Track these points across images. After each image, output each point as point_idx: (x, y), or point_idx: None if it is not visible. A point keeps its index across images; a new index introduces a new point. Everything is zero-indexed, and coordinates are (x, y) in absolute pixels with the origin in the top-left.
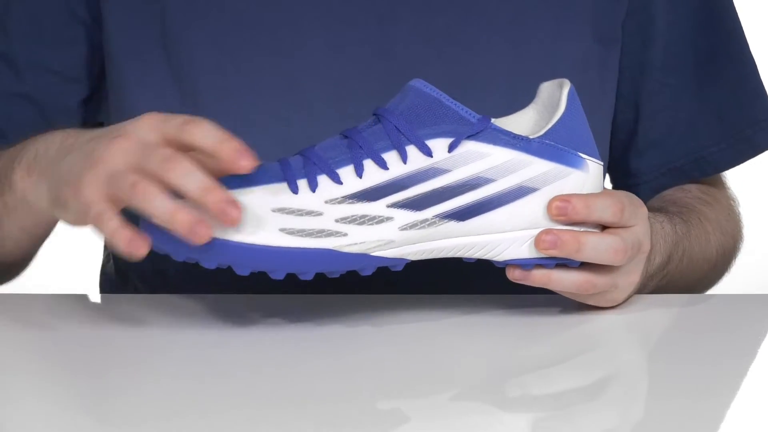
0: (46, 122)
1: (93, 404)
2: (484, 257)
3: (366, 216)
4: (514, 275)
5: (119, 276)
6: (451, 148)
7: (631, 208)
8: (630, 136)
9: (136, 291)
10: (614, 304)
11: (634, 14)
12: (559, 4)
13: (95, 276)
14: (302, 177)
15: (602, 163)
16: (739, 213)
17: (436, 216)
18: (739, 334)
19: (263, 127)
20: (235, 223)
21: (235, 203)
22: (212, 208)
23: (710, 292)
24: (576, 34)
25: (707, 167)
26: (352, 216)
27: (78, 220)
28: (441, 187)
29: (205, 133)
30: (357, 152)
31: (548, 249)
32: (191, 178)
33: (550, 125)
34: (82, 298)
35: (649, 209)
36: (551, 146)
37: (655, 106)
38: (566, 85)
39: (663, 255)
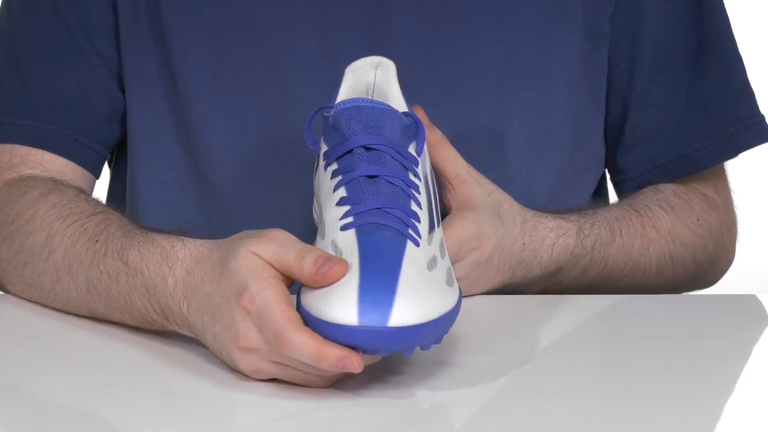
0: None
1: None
2: None
3: (442, 241)
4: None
5: None
6: (419, 151)
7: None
8: (619, 133)
9: None
10: None
11: (623, 11)
12: (552, 3)
13: None
14: (406, 227)
15: None
16: (731, 220)
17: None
18: (739, 334)
19: (256, 126)
20: (358, 366)
21: (348, 355)
22: (333, 369)
23: (710, 291)
24: (568, 33)
25: (690, 165)
26: (441, 246)
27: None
28: (438, 196)
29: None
30: (402, 186)
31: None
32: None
33: (403, 105)
34: None
35: (564, 216)
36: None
37: (643, 103)
38: (390, 65)
39: (546, 267)
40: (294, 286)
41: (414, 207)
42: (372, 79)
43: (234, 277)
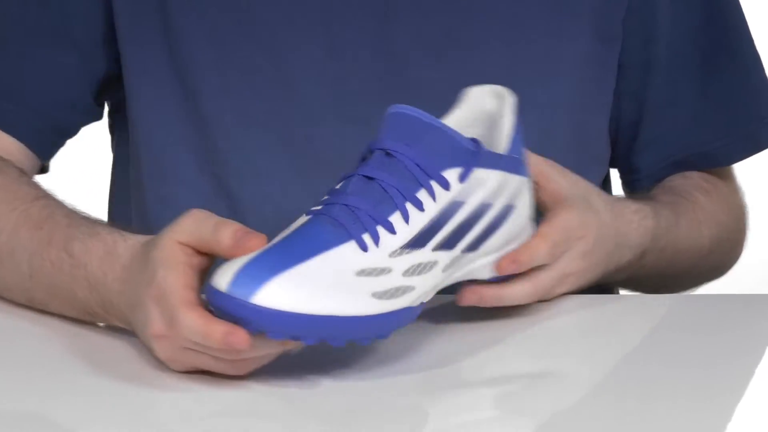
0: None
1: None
2: (475, 278)
3: (420, 264)
4: (470, 300)
5: None
6: (463, 177)
7: (565, 244)
8: (634, 133)
9: None
10: (569, 289)
11: (636, 11)
12: (558, 3)
13: None
14: (364, 231)
15: None
16: (745, 205)
17: (462, 250)
18: (739, 334)
19: (262, 125)
20: (243, 343)
21: (233, 331)
22: (219, 347)
23: (711, 291)
24: (575, 33)
25: (708, 163)
26: (412, 266)
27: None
28: (463, 221)
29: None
30: (396, 197)
31: (473, 304)
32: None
33: (509, 139)
34: None
35: (638, 200)
36: (517, 160)
37: (659, 103)
38: (508, 96)
39: (635, 250)
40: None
41: (394, 218)
42: (485, 106)
43: (150, 266)
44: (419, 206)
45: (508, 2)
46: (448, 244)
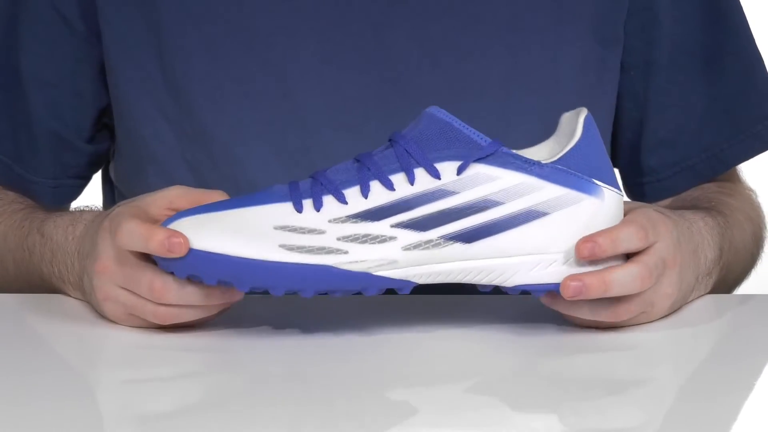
0: (62, 142)
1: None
2: (492, 283)
3: (369, 235)
4: (573, 290)
5: None
6: (460, 170)
7: (653, 228)
8: (637, 135)
9: None
10: (654, 319)
11: (637, 13)
12: (558, 8)
13: None
14: (308, 197)
15: (621, 193)
16: (759, 203)
17: (441, 237)
18: (739, 334)
19: (258, 136)
20: (183, 247)
21: (176, 234)
22: (159, 251)
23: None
24: (575, 37)
25: (718, 165)
26: (354, 235)
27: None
28: (447, 209)
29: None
30: (365, 173)
31: (575, 296)
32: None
33: (564, 151)
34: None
35: (684, 209)
36: (564, 171)
37: (664, 104)
38: (583, 113)
39: (714, 249)
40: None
41: (351, 191)
42: (571, 127)
43: (108, 213)
44: (389, 186)
45: (507, 8)
46: (416, 225)
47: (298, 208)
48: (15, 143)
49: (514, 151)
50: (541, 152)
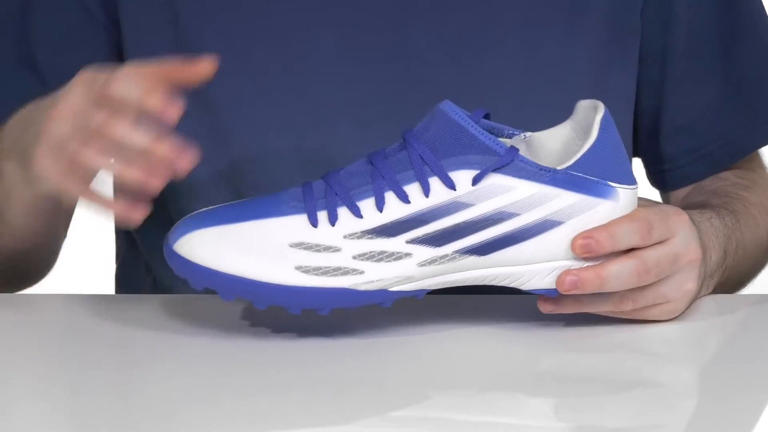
0: None
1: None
2: (506, 285)
3: (384, 252)
4: (545, 309)
5: (134, 274)
6: (476, 181)
7: (663, 224)
8: (654, 121)
9: (154, 284)
10: (673, 316)
11: (652, 2)
12: (575, 2)
13: (109, 277)
14: (323, 208)
15: (635, 187)
16: None
17: (456, 251)
18: (741, 334)
19: (277, 131)
20: (189, 165)
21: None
22: (165, 154)
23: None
24: (590, 29)
25: (736, 151)
26: (370, 252)
27: (54, 194)
28: (462, 222)
29: (125, 86)
30: (379, 183)
31: (570, 290)
32: (136, 131)
33: (580, 154)
34: (99, 299)
35: (694, 206)
36: (579, 177)
37: (681, 91)
38: (600, 110)
39: (718, 251)
40: None
41: (365, 203)
42: (588, 119)
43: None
44: (404, 198)
45: (523, 2)
46: (432, 241)
47: (313, 222)
48: None
49: (535, 137)
50: (557, 137)
